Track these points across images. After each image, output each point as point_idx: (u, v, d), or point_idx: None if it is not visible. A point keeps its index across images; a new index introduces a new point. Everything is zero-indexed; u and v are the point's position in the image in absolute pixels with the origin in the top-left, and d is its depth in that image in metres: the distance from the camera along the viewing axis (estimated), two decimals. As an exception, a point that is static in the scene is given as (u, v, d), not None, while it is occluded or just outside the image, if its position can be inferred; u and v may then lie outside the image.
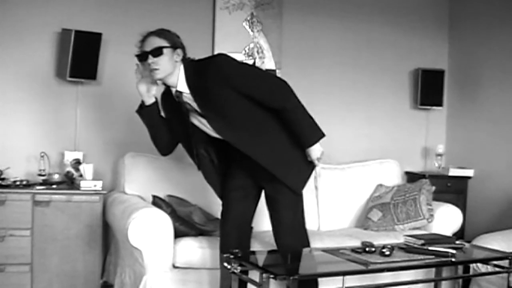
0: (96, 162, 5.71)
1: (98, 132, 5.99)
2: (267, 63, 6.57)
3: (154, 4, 6.10)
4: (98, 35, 5.66)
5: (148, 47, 4.13)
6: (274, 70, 6.59)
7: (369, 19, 7.10)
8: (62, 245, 5.28)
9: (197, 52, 4.30)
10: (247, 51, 6.50)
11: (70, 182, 5.56)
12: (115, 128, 5.98)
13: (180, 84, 4.18)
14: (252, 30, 6.53)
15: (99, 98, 5.96)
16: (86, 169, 5.50)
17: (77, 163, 5.61)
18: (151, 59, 4.10)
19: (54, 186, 5.40)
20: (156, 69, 4.12)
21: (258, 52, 6.54)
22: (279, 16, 6.65)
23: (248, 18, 6.51)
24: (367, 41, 7.12)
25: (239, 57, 6.45)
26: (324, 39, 6.93)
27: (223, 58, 4.22)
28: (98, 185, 5.39)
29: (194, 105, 4.20)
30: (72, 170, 5.61)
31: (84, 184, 5.37)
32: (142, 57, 4.15)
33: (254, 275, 3.88)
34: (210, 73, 4.11)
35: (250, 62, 6.51)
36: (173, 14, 6.10)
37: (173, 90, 4.23)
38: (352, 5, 7.03)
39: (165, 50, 4.12)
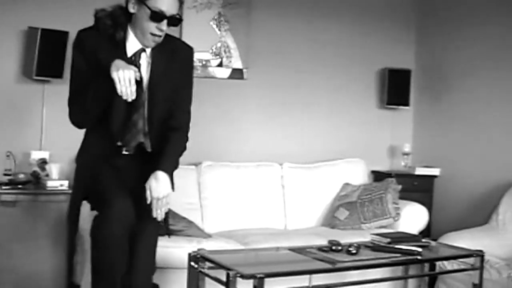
0: (63, 162, 5.68)
1: (65, 131, 5.90)
2: (234, 62, 6.58)
3: (122, 3, 6.07)
4: (65, 34, 5.62)
5: (169, 9, 3.61)
6: (241, 70, 6.61)
7: (337, 19, 7.13)
8: (29, 246, 5.25)
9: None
10: (214, 50, 6.50)
11: (36, 181, 5.53)
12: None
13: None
14: (219, 29, 6.53)
15: (66, 97, 5.91)
16: (53, 169, 5.48)
17: (43, 162, 5.58)
18: (164, 26, 3.62)
19: (20, 186, 5.36)
20: (160, 37, 3.66)
21: (225, 52, 6.54)
22: (247, 15, 6.65)
23: (216, 17, 6.51)
24: (334, 41, 7.14)
25: (206, 56, 6.46)
26: (292, 39, 6.94)
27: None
28: (65, 184, 5.38)
29: (143, 65, 3.74)
30: (38, 170, 5.57)
31: (50, 184, 5.35)
32: (159, 18, 3.60)
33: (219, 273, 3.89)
34: (181, 54, 3.86)
35: (217, 61, 6.51)
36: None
37: (134, 49, 3.69)
38: (320, 5, 7.05)
39: None
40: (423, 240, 4.71)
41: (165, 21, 3.60)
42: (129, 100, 3.47)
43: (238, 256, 4.47)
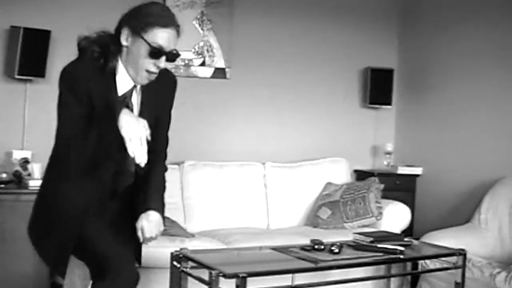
0: (45, 162, 5.64)
1: (47, 131, 5.87)
2: (217, 61, 6.57)
3: (104, 2, 6.05)
4: (47, 33, 5.61)
5: (169, 45, 3.19)
6: (224, 69, 6.60)
7: (319, 18, 7.14)
8: (11, 246, 5.22)
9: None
10: (196, 49, 6.49)
11: (18, 181, 5.50)
12: (64, 127, 5.92)
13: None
14: (202, 29, 6.52)
15: (48, 97, 5.85)
16: (35, 168, 5.45)
17: (25, 162, 5.55)
18: (162, 63, 3.20)
19: (2, 186, 5.34)
20: (155, 74, 3.23)
21: (208, 51, 6.53)
22: (229, 14, 6.64)
23: (198, 17, 6.50)
24: (317, 40, 7.15)
25: (189, 55, 6.45)
26: (275, 38, 6.95)
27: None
28: (47, 184, 5.35)
29: (134, 104, 3.34)
30: (20, 169, 5.55)
31: (32, 183, 5.31)
32: (158, 55, 3.19)
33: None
34: (167, 85, 3.48)
35: (200, 60, 6.50)
36: (123, 12, 6.05)
37: (125, 87, 3.27)
38: (303, 4, 7.06)
39: None
40: (406, 239, 4.72)
41: (163, 58, 3.19)
42: (142, 165, 3.03)
43: (221, 255, 4.46)
